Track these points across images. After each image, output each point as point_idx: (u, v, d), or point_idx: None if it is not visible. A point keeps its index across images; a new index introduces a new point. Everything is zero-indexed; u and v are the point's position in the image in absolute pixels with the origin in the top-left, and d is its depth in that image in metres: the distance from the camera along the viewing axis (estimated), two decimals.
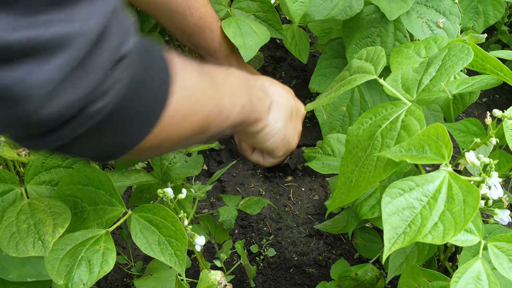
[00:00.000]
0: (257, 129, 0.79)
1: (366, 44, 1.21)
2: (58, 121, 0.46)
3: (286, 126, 0.84)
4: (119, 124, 0.52)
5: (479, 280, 0.68)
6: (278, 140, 0.83)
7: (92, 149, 0.53)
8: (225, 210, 1.12)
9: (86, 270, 0.77)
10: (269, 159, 0.90)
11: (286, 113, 0.83)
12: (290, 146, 0.86)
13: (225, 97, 0.68)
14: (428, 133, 0.66)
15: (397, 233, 0.61)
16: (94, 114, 0.47)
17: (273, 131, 0.81)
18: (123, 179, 0.96)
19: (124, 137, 0.54)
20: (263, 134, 0.80)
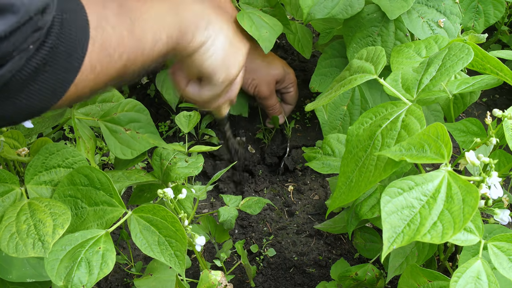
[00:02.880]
0: (193, 48, 0.76)
1: (367, 43, 1.21)
2: None
3: (227, 47, 0.80)
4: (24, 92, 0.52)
5: (479, 279, 0.68)
6: (218, 60, 0.79)
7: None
8: (225, 210, 1.12)
9: (85, 272, 0.77)
10: (206, 89, 0.84)
11: (226, 35, 0.80)
12: (230, 72, 0.82)
13: (146, 36, 0.66)
14: (428, 133, 0.66)
15: (396, 232, 0.61)
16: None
17: (212, 49, 0.78)
18: (123, 179, 0.96)
19: (30, 105, 0.53)
20: (200, 53, 0.77)
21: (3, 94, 0.50)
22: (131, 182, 0.94)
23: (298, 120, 1.53)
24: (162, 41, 0.69)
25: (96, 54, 0.57)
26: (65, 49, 0.53)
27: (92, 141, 0.98)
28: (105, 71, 0.60)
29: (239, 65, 0.84)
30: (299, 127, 1.52)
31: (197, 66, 0.79)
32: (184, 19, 0.73)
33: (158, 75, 1.46)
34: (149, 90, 1.60)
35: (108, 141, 0.97)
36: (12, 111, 0.53)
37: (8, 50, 0.47)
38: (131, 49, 0.64)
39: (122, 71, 0.64)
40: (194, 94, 0.86)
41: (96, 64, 0.58)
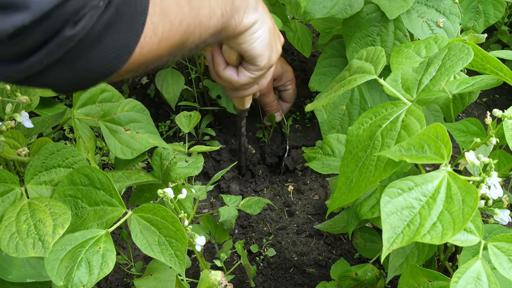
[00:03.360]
0: (245, 26, 0.77)
1: (366, 43, 1.21)
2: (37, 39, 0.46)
3: (271, 33, 0.81)
4: (95, 51, 0.52)
5: (479, 280, 0.68)
6: (264, 43, 0.80)
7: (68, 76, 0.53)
8: (225, 210, 1.12)
9: (86, 272, 0.77)
10: (245, 73, 0.86)
11: (271, 22, 0.81)
12: (272, 57, 0.83)
13: (203, 8, 0.67)
14: (427, 133, 0.66)
15: (396, 233, 0.62)
16: (70, 37, 0.48)
17: (260, 31, 0.79)
18: (123, 179, 0.96)
19: (101, 64, 0.54)
20: (251, 32, 0.78)
21: (78, 50, 0.50)
22: (131, 182, 0.94)
23: (298, 120, 1.53)
24: (217, 16, 0.70)
25: (158, 17, 0.58)
26: (129, 8, 0.53)
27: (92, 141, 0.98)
28: (167, 36, 0.61)
29: (278, 53, 0.85)
30: (299, 127, 1.52)
31: (244, 47, 0.80)
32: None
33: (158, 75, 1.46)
34: (149, 90, 1.60)
35: (108, 141, 0.97)
36: (85, 70, 0.53)
37: (82, 4, 0.47)
38: (190, 18, 0.65)
39: (183, 39, 0.64)
40: (232, 77, 0.87)
41: (159, 27, 0.59)
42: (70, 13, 0.46)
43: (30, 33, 0.45)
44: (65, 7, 0.46)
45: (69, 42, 0.48)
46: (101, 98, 1.04)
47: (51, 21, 0.46)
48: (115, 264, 0.79)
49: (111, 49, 0.53)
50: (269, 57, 0.83)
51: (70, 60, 0.51)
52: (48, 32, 0.46)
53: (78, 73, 0.53)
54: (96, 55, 0.52)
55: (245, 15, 0.76)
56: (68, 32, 0.47)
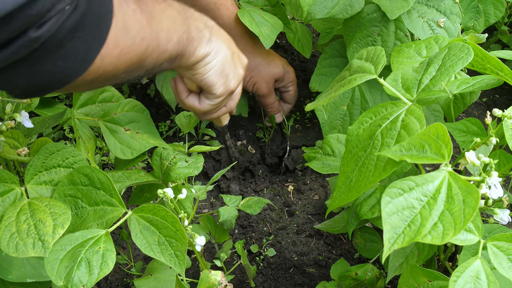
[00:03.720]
0: (197, 58, 0.79)
1: (367, 43, 1.21)
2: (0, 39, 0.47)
3: (227, 61, 0.83)
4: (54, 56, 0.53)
5: (478, 279, 0.68)
6: (218, 73, 0.82)
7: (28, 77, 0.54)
8: (225, 210, 1.12)
9: (85, 272, 0.77)
10: (206, 101, 0.88)
11: (227, 49, 0.83)
12: (229, 85, 0.85)
13: (161, 31, 0.69)
14: (428, 133, 0.66)
15: (396, 233, 0.61)
16: (34, 39, 0.49)
17: (213, 61, 0.81)
18: (123, 179, 0.96)
19: (61, 69, 0.55)
20: (203, 64, 0.80)
21: (41, 53, 0.51)
22: (131, 182, 0.94)
23: (298, 120, 1.53)
24: (173, 42, 0.72)
25: (120, 30, 0.60)
26: (93, 18, 0.55)
27: (92, 141, 0.98)
28: (128, 51, 0.62)
29: (238, 78, 0.86)
30: (299, 127, 1.52)
31: (197, 78, 0.82)
32: (191, 28, 0.76)
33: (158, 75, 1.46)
34: (149, 90, 1.60)
35: (108, 141, 0.97)
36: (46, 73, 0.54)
37: (47, 7, 0.48)
38: (150, 38, 0.67)
39: (142, 57, 0.66)
40: (194, 104, 0.89)
41: (120, 40, 0.60)
42: (35, 15, 0.47)
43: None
44: (30, 8, 0.47)
45: (33, 43, 0.49)
46: (101, 98, 1.04)
47: (15, 22, 0.46)
48: (115, 264, 0.79)
49: (73, 54, 0.54)
50: (224, 84, 0.85)
51: (32, 62, 0.52)
52: (12, 32, 0.47)
53: (37, 75, 0.54)
54: (58, 59, 0.53)
55: (198, 47, 0.78)
56: (33, 33, 0.48)
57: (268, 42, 1.18)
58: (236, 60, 0.86)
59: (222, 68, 0.82)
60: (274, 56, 1.35)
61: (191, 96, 0.89)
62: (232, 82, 0.85)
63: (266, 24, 1.20)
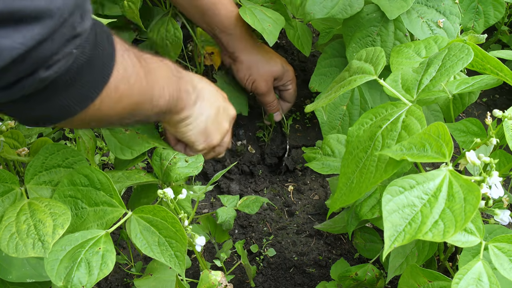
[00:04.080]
0: (180, 118, 0.83)
1: (366, 43, 1.21)
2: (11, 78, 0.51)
3: (210, 121, 0.88)
4: (61, 94, 0.58)
5: (480, 281, 0.68)
6: (199, 132, 0.87)
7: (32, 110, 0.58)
8: (223, 211, 1.12)
9: (85, 272, 0.77)
10: (189, 151, 0.93)
11: (211, 110, 0.88)
12: (210, 141, 0.90)
13: (156, 86, 0.73)
14: (429, 132, 0.66)
15: (397, 231, 0.61)
16: (43, 79, 0.53)
17: (195, 123, 0.85)
18: (123, 179, 0.96)
19: (65, 105, 0.59)
20: (184, 124, 0.84)
21: (48, 91, 0.56)
22: (131, 182, 0.94)
23: (298, 120, 1.53)
24: (165, 99, 0.76)
25: (120, 77, 0.64)
26: (99, 62, 0.60)
27: (92, 141, 0.98)
28: (125, 97, 0.67)
29: (222, 133, 0.91)
30: (299, 127, 1.52)
31: (179, 135, 0.87)
32: (181, 89, 0.80)
33: None
34: None
35: (108, 141, 0.97)
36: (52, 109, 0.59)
37: (53, 51, 0.52)
38: (145, 90, 0.71)
39: (136, 107, 0.70)
40: (182, 151, 0.94)
41: (120, 85, 0.65)
42: (42, 57, 0.51)
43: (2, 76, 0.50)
44: (37, 52, 0.50)
45: (42, 83, 0.54)
46: None
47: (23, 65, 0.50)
48: (115, 264, 0.79)
49: (77, 93, 0.59)
50: (206, 142, 0.89)
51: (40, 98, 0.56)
52: (21, 73, 0.51)
53: (43, 110, 0.59)
54: (62, 97, 0.58)
55: (185, 108, 0.82)
56: (42, 74, 0.52)
57: (271, 39, 1.18)
58: (221, 116, 0.91)
59: (203, 127, 0.87)
60: (273, 55, 1.35)
61: (179, 145, 0.94)
62: (215, 139, 0.90)
63: (268, 20, 1.20)
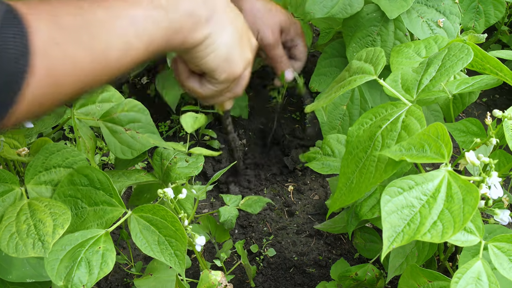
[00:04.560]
0: (189, 45, 0.69)
1: (366, 43, 1.21)
2: None
3: (233, 43, 0.74)
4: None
5: (480, 280, 0.68)
6: (221, 56, 0.73)
7: None
8: (225, 210, 1.12)
9: (85, 272, 0.77)
10: (207, 85, 0.78)
11: (233, 29, 0.74)
12: (234, 70, 0.76)
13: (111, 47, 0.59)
14: (428, 133, 0.66)
15: (396, 232, 0.62)
16: None
17: (215, 44, 0.71)
18: (124, 179, 0.96)
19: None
20: (199, 49, 0.71)
21: None
22: (131, 182, 0.94)
23: (298, 120, 1.53)
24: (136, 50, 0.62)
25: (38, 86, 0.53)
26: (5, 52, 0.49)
27: (92, 141, 0.98)
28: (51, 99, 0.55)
29: (245, 62, 0.78)
30: (299, 127, 1.52)
31: (196, 62, 0.74)
32: (176, 17, 0.66)
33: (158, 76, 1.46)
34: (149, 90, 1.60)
35: (108, 141, 0.97)
36: None
37: None
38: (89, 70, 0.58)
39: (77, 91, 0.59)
40: (195, 88, 0.80)
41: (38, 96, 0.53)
42: None
43: None
44: None
45: None
46: (101, 98, 1.04)
47: None
48: (115, 264, 0.79)
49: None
50: (229, 70, 0.76)
51: None
52: None
53: None
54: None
55: (190, 35, 0.68)
56: None
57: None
58: (244, 42, 0.77)
59: (225, 51, 0.73)
60: (277, 5, 1.22)
61: (192, 78, 0.79)
62: (238, 67, 0.76)
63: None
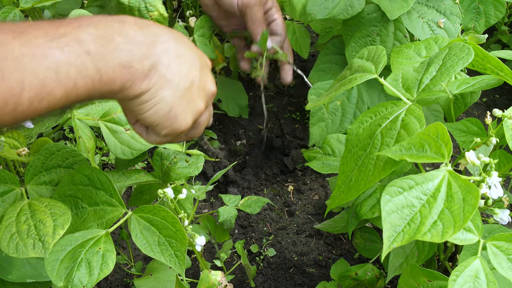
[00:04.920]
0: (125, 96, 0.62)
1: (365, 43, 1.21)
2: None
3: (177, 99, 0.65)
4: None
5: (477, 279, 0.68)
6: (161, 113, 0.65)
7: None
8: (224, 210, 1.12)
9: (86, 272, 0.77)
10: (153, 135, 0.70)
11: (180, 82, 0.65)
12: (177, 126, 0.67)
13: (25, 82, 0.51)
14: (428, 132, 0.66)
15: (396, 231, 0.62)
16: None
17: (155, 99, 0.63)
18: (124, 179, 0.96)
19: None
20: (137, 103, 0.63)
21: None
22: (131, 182, 0.94)
23: (298, 120, 1.53)
24: (53, 96, 0.54)
25: None
26: None
27: (92, 141, 0.98)
28: None
29: (194, 115, 0.69)
30: (299, 127, 1.52)
31: (133, 115, 0.66)
32: (106, 68, 0.57)
33: None
34: None
35: (108, 141, 0.97)
36: None
37: None
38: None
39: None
40: (142, 135, 0.72)
41: None
42: None
43: None
44: None
45: None
46: None
47: None
48: (115, 264, 0.79)
49: None
50: (171, 127, 0.67)
51: None
52: None
53: None
54: None
55: (127, 87, 0.60)
56: None
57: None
58: (194, 94, 0.67)
59: (167, 107, 0.65)
60: None
61: (138, 124, 0.71)
62: (183, 123, 0.67)
63: None
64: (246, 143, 1.50)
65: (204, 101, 0.70)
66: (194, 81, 0.67)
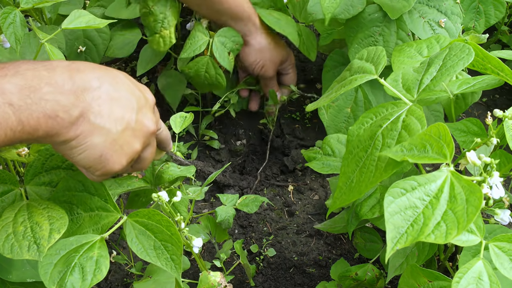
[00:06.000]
0: (53, 142, 0.64)
1: (368, 43, 1.21)
2: None
3: (109, 143, 0.66)
4: None
5: (481, 280, 0.68)
6: (91, 158, 0.66)
7: None
8: (222, 210, 1.11)
9: (79, 277, 0.76)
10: (89, 174, 0.73)
11: (112, 126, 0.66)
12: (110, 168, 0.69)
13: None
14: (429, 133, 0.65)
15: (399, 233, 0.61)
16: None
17: (85, 145, 0.65)
18: (115, 186, 0.95)
19: None
20: (66, 148, 0.65)
21: None
22: (123, 190, 0.93)
23: (298, 121, 1.53)
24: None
25: None
26: None
27: None
28: None
29: (129, 156, 0.70)
30: (299, 127, 1.52)
31: (66, 157, 0.68)
32: (30, 118, 0.58)
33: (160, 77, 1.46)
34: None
35: None
36: None
37: None
38: None
39: None
40: (83, 172, 0.74)
41: None
42: None
43: None
44: None
45: None
46: None
47: None
48: (115, 264, 0.79)
49: None
50: (104, 169, 0.68)
51: None
52: None
53: None
54: None
55: (54, 135, 0.62)
56: None
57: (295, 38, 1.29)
58: (128, 136, 0.68)
59: (98, 152, 0.66)
60: (278, 39, 1.37)
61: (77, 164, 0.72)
62: (116, 165, 0.69)
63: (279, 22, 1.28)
64: (246, 143, 1.49)
65: (140, 141, 0.71)
66: (129, 123, 0.68)
